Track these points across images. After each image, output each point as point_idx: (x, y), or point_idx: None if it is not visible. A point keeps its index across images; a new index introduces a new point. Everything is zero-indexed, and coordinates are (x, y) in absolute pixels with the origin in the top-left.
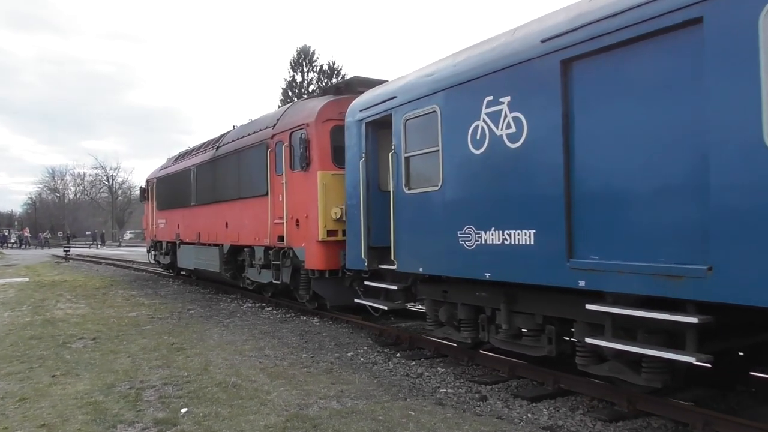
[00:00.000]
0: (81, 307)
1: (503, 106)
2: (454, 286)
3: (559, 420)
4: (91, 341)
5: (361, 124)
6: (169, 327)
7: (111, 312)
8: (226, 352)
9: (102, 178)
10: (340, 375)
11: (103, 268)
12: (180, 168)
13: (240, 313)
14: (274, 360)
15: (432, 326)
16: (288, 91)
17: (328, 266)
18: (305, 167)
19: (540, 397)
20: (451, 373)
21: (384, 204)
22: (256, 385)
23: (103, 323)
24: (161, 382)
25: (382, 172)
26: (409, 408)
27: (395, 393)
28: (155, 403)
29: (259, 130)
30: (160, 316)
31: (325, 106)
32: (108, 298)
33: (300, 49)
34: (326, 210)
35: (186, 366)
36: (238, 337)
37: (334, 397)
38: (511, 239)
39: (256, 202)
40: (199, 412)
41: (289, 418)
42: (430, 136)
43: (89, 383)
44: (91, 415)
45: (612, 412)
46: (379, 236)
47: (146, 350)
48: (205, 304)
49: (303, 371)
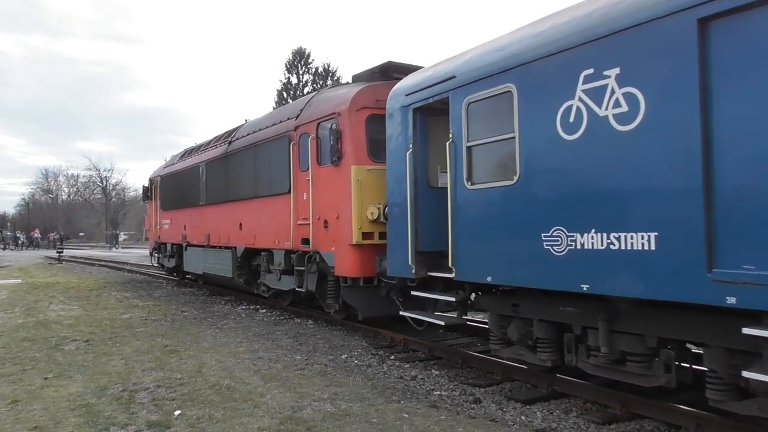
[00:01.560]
0: (74, 309)
1: (609, 80)
2: (528, 298)
3: (553, 422)
4: (84, 343)
5: (407, 111)
6: (163, 329)
7: (104, 314)
8: (219, 354)
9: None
10: (334, 377)
11: (96, 269)
12: (187, 165)
13: (234, 315)
14: (268, 362)
15: (497, 345)
16: (283, 93)
17: (362, 273)
18: (336, 161)
19: (534, 400)
20: (445, 376)
21: (434, 202)
22: (250, 387)
23: (96, 325)
24: (154, 385)
25: (431, 165)
26: (403, 410)
27: (389, 395)
28: (148, 405)
29: (279, 122)
30: (153, 318)
31: (359, 93)
32: (101, 299)
33: (295, 51)
34: (361, 210)
35: (179, 368)
36: (232, 339)
37: (328, 400)
38: (621, 244)
39: (276, 201)
40: (192, 414)
41: (283, 420)
42: (503, 121)
43: (82, 385)
44: (83, 418)
45: (605, 415)
46: (429, 239)
47: (139, 352)
48: (199, 306)
49: (297, 373)
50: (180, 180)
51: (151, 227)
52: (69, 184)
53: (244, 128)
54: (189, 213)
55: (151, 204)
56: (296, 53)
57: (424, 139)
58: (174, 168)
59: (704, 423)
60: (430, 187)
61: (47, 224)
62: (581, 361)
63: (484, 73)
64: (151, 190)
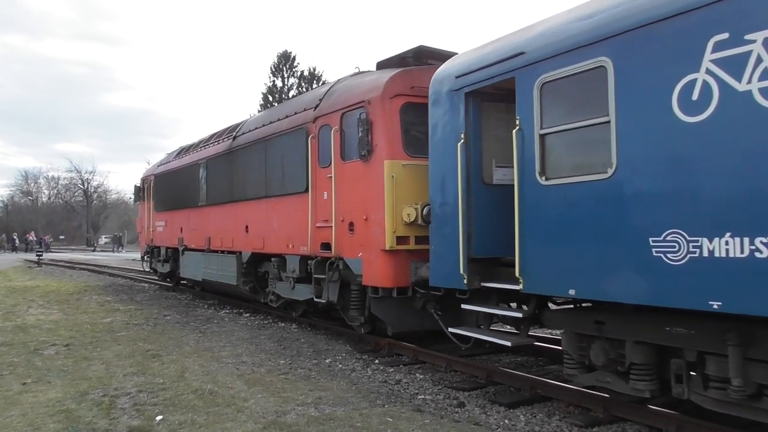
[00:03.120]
0: (53, 313)
1: (753, 45)
2: (618, 315)
3: (536, 426)
4: (64, 348)
5: (458, 95)
6: (145, 333)
7: (85, 318)
8: (202, 359)
9: (77, 182)
10: (318, 382)
11: (76, 273)
12: (185, 163)
13: (217, 320)
14: (252, 367)
15: (574, 370)
16: (268, 96)
17: (395, 283)
18: (365, 156)
19: (517, 403)
20: (429, 380)
21: (489, 201)
22: (233, 392)
23: (76, 329)
24: (136, 390)
25: (486, 159)
26: (387, 414)
27: (373, 400)
28: (130, 410)
29: (295, 114)
30: (135, 322)
31: (393, 79)
32: (82, 303)
33: (281, 55)
34: (395, 210)
35: (161, 373)
36: (215, 343)
37: (312, 404)
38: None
39: (291, 202)
40: (174, 419)
41: (267, 425)
42: (592, 103)
43: (61, 391)
44: (62, 424)
45: (588, 418)
46: (483, 244)
47: (121, 357)
48: (181, 310)
49: (281, 378)
50: (176, 179)
51: (143, 230)
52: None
53: (251, 122)
54: (186, 214)
55: (143, 205)
56: (282, 56)
57: (478, 128)
58: (170, 166)
59: (684, 425)
60: (484, 183)
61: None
62: (696, 393)
63: (565, 46)
64: (143, 190)
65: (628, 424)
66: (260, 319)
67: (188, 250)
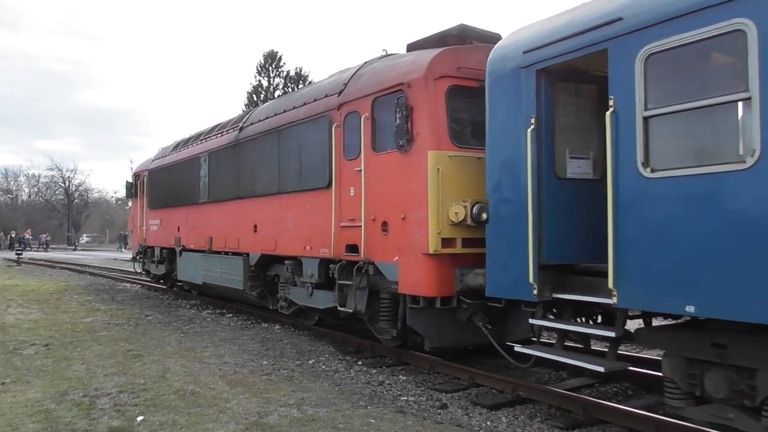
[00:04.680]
0: (33, 313)
1: None
2: (748, 337)
3: (518, 427)
4: (44, 347)
5: (527, 74)
6: (126, 333)
7: (65, 317)
8: (184, 359)
9: (58, 180)
10: (300, 383)
11: (57, 272)
12: (183, 157)
13: (200, 320)
14: (234, 367)
15: (681, 402)
16: (253, 96)
17: (440, 291)
18: (404, 146)
19: (499, 405)
20: (412, 381)
21: (563, 198)
22: (215, 392)
23: (56, 329)
24: (117, 390)
25: (559, 149)
26: (369, 416)
27: (356, 401)
28: (110, 411)
29: (314, 101)
30: (116, 322)
31: (438, 58)
32: (62, 303)
33: (267, 54)
34: (441, 208)
35: (143, 373)
36: (197, 343)
37: (295, 405)
38: None
39: (310, 198)
40: (155, 420)
41: (248, 426)
42: (723, 77)
43: (41, 391)
44: (42, 424)
45: (569, 420)
46: (555, 249)
47: (101, 357)
48: (163, 310)
49: (263, 379)
50: (173, 174)
51: (135, 228)
52: (30, 184)
53: (260, 111)
54: (185, 212)
55: (135, 202)
56: (268, 56)
57: (551, 111)
58: (166, 161)
59: (663, 427)
60: (557, 177)
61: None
62: None
63: (684, 8)
64: (135, 187)
65: (608, 426)
66: (243, 320)
67: (186, 250)
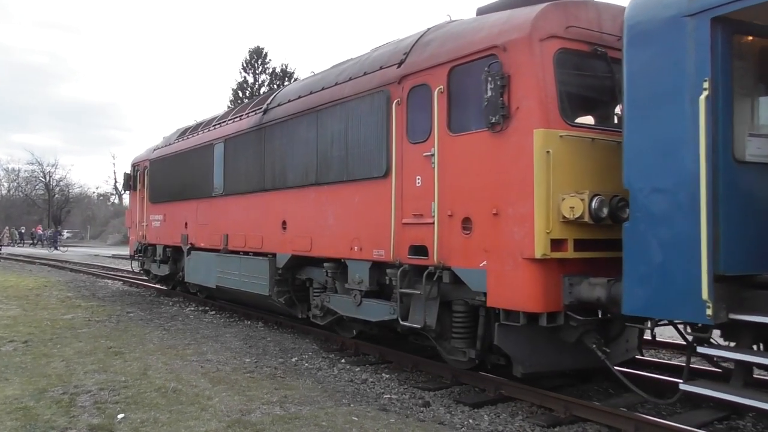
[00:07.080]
0: (12, 309)
1: None
2: None
3: (500, 425)
4: (23, 344)
5: (699, 24)
6: (107, 330)
7: (45, 314)
8: (166, 357)
9: (38, 175)
10: (283, 380)
11: (36, 268)
12: (192, 145)
13: (182, 317)
14: (217, 365)
15: None
16: (239, 92)
17: (546, 306)
18: (498, 123)
19: (481, 404)
20: (395, 380)
21: (744, 188)
22: (197, 390)
23: (35, 326)
24: (97, 387)
25: (739, 126)
26: (352, 414)
27: (339, 399)
28: (90, 408)
29: (363, 74)
30: (97, 318)
31: (544, 14)
32: (42, 299)
33: (252, 50)
34: (551, 202)
35: (124, 370)
36: (179, 341)
37: (277, 403)
38: None
39: (359, 189)
40: (136, 417)
41: (231, 424)
42: None
43: (19, 388)
44: (20, 422)
45: (550, 418)
46: (736, 254)
47: (82, 354)
48: (145, 307)
49: (246, 376)
50: (181, 164)
51: (134, 224)
52: (9, 178)
53: (288, 90)
54: (194, 206)
55: (134, 195)
56: (254, 52)
57: (728, 74)
58: (171, 149)
59: (642, 426)
60: (737, 162)
61: None
62: None
63: None
64: (134, 178)
65: (589, 424)
66: (226, 317)
67: (196, 249)
